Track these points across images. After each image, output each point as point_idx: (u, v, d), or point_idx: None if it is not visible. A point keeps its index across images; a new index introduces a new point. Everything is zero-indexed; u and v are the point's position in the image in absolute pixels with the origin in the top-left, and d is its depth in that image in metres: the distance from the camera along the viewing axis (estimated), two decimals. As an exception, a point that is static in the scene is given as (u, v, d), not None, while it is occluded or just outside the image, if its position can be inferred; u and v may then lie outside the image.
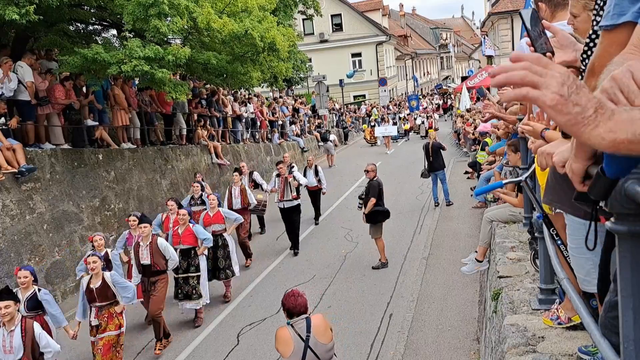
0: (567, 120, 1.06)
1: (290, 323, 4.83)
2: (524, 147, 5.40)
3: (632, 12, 1.45)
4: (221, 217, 9.93)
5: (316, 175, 14.13)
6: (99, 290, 7.07)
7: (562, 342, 3.23)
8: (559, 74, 1.06)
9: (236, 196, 11.78)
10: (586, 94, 1.06)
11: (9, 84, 9.93)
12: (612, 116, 1.05)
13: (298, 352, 4.64)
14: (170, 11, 10.58)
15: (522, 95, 1.07)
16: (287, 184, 11.99)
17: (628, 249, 1.29)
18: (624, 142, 1.06)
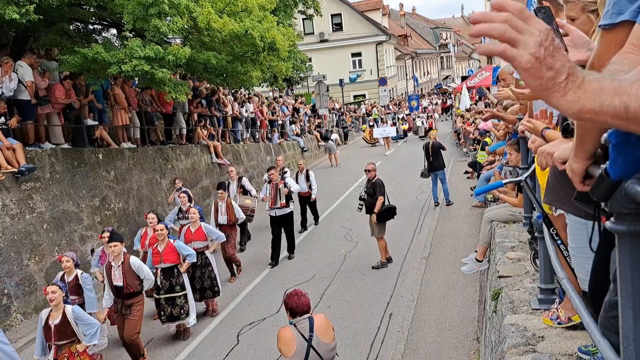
0: (539, 85, 1.06)
1: (293, 323, 4.80)
2: (524, 147, 5.40)
3: (631, 11, 1.45)
4: (203, 233, 9.24)
5: (307, 181, 13.54)
6: (57, 327, 6.21)
7: (562, 342, 3.23)
8: (538, 31, 1.04)
9: (223, 212, 10.90)
10: (561, 57, 1.05)
11: (9, 84, 9.93)
12: (582, 84, 1.05)
13: (301, 351, 4.62)
14: (171, 11, 10.58)
15: (499, 52, 1.06)
16: (278, 190, 11.39)
17: (628, 248, 1.29)
18: (590, 112, 1.06)
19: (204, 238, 9.24)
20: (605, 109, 1.05)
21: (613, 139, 1.21)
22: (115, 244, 7.50)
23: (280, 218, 11.49)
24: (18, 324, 8.88)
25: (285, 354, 4.68)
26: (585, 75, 1.07)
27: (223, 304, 9.71)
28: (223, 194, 11.05)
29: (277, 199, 11.33)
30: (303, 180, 13.46)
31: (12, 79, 9.99)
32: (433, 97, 51.95)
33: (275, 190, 11.38)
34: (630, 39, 1.39)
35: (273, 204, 11.39)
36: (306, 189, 13.44)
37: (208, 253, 9.25)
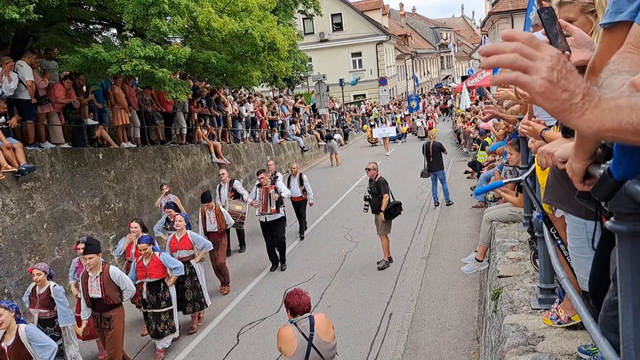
0: (555, 107, 1.06)
1: (294, 321, 4.82)
2: (524, 146, 5.40)
3: (629, 12, 1.45)
4: (189, 242, 8.80)
5: (301, 185, 12.89)
6: (11, 349, 5.73)
7: (561, 342, 3.23)
8: (549, 56, 1.05)
9: (212, 220, 10.46)
10: (575, 79, 1.06)
11: (9, 84, 9.93)
12: (599, 104, 1.06)
13: (301, 350, 4.64)
14: (171, 10, 10.57)
15: (512, 79, 1.07)
16: (269, 196, 10.92)
17: (628, 248, 1.29)
18: (609, 131, 1.06)
19: (190, 247, 8.82)
20: (624, 126, 1.05)
21: None
22: (90, 257, 7.00)
23: (271, 223, 11.05)
24: None
25: (285, 353, 4.69)
26: (601, 95, 1.07)
27: (223, 304, 9.71)
28: (209, 205, 10.45)
29: (267, 204, 10.84)
30: (296, 185, 12.83)
31: (12, 79, 9.99)
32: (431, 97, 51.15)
33: (266, 195, 10.89)
34: (629, 39, 1.40)
35: (264, 209, 10.89)
36: (299, 194, 12.84)
37: (194, 262, 8.82)
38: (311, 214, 15.59)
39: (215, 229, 10.42)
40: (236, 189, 12.44)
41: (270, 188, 10.95)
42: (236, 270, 11.32)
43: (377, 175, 10.73)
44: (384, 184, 10.64)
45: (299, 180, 12.93)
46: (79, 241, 8.00)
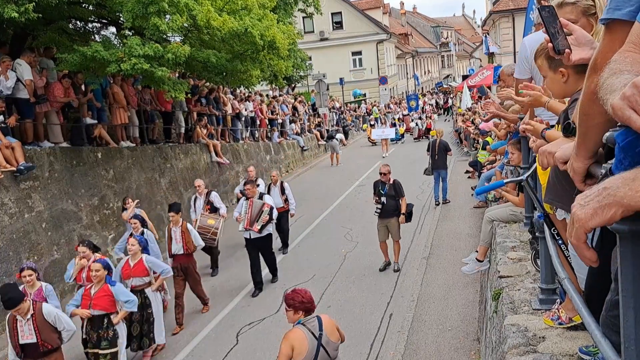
0: None
1: (302, 322, 4.82)
2: (525, 146, 5.38)
3: (628, 10, 1.42)
4: (144, 267, 7.65)
5: (282, 194, 11.93)
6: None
7: (562, 342, 3.21)
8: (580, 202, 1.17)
9: (177, 240, 8.92)
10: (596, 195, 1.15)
11: (6, 82, 9.91)
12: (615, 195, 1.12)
13: (312, 350, 4.66)
14: (170, 9, 10.56)
15: None
16: (259, 214, 9.70)
17: (629, 248, 1.27)
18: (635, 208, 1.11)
19: (145, 273, 7.67)
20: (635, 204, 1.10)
21: (621, 140, 1.18)
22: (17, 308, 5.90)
23: (257, 241, 9.84)
24: None
25: (296, 355, 4.62)
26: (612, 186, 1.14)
27: (222, 303, 9.70)
28: (175, 217, 8.98)
29: (254, 222, 9.65)
30: (277, 194, 11.84)
31: (10, 78, 9.97)
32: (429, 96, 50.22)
33: (252, 210, 9.70)
34: (630, 38, 1.37)
35: (248, 224, 9.66)
36: (281, 204, 11.76)
37: (150, 291, 7.75)
38: (311, 213, 15.64)
39: (180, 251, 8.90)
40: (213, 201, 11.12)
41: (265, 206, 9.80)
42: (235, 271, 11.30)
43: (390, 178, 10.47)
44: (401, 186, 10.48)
45: (280, 189, 12.03)
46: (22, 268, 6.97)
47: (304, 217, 15.33)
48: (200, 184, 11.34)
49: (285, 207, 11.91)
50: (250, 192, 9.96)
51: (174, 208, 9.21)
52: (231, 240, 12.69)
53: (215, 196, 11.32)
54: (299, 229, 14.09)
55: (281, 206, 11.69)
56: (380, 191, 10.40)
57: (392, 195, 10.32)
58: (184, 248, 8.90)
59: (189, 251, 8.95)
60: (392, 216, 10.32)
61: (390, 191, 10.34)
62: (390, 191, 10.34)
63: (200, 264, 10.06)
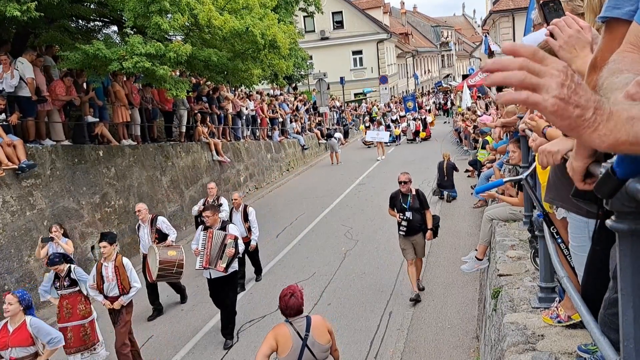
0: (568, 125, 1.03)
1: (289, 321, 4.84)
2: (524, 145, 5.40)
3: (627, 10, 1.44)
4: (27, 334, 5.75)
5: (245, 221, 9.93)
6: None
7: (561, 341, 3.23)
8: (557, 71, 1.01)
9: (109, 277, 7.19)
10: (585, 93, 1.02)
11: (10, 80, 9.93)
12: (610, 117, 1.02)
13: (296, 350, 4.66)
14: (172, 8, 10.58)
15: (522, 99, 1.02)
16: (222, 248, 7.81)
17: (628, 247, 1.29)
18: (624, 144, 1.03)
19: (29, 341, 5.74)
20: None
21: None
22: None
23: (219, 281, 8.01)
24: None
25: (280, 353, 4.70)
26: (611, 106, 1.04)
27: (223, 301, 9.71)
28: (108, 249, 7.24)
29: (216, 259, 7.80)
30: (239, 221, 9.84)
31: (14, 76, 10.00)
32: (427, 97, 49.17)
33: (212, 244, 7.83)
34: (628, 38, 1.38)
35: (207, 262, 7.78)
36: (244, 233, 9.75)
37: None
38: (312, 211, 15.62)
39: (114, 291, 7.20)
40: (160, 228, 9.17)
41: (230, 237, 7.89)
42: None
43: (409, 188, 9.02)
44: (425, 196, 9.23)
45: (242, 214, 9.98)
46: None
47: (304, 215, 15.35)
48: (141, 209, 9.12)
49: (250, 237, 9.91)
50: (210, 220, 8.00)
51: (107, 238, 7.40)
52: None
53: (162, 222, 9.26)
54: (299, 227, 14.13)
55: (244, 236, 9.61)
56: (403, 205, 8.90)
57: (417, 208, 8.91)
58: (119, 287, 7.16)
59: (124, 291, 7.17)
60: (418, 232, 8.90)
61: (415, 203, 8.92)
62: (415, 203, 8.92)
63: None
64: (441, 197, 15.69)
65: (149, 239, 9.05)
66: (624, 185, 1.21)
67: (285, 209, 16.57)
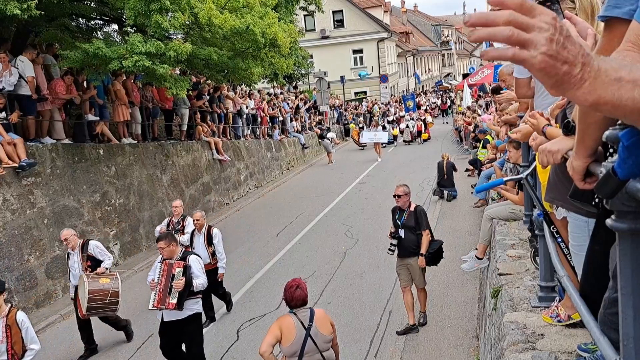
0: (554, 82, 1.00)
1: (294, 311, 4.97)
2: (524, 144, 5.39)
3: (628, 9, 1.44)
4: None
5: (209, 245, 8.53)
6: None
7: (561, 340, 3.23)
8: (546, 24, 0.96)
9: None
10: (573, 46, 0.99)
11: (9, 78, 9.93)
12: (598, 74, 1.00)
13: (299, 339, 4.80)
14: (172, 6, 10.58)
15: (508, 56, 0.98)
16: (170, 278, 6.44)
17: (628, 246, 1.29)
18: (607, 105, 1.02)
19: None
20: (625, 102, 1.01)
21: (626, 140, 1.19)
22: None
23: (174, 325, 6.59)
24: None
25: (283, 342, 4.83)
26: (599, 64, 1.01)
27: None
28: None
29: (164, 296, 6.46)
30: (202, 245, 8.50)
31: (13, 74, 9.99)
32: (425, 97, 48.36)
33: (166, 279, 6.46)
34: (628, 37, 1.38)
35: (159, 302, 6.49)
36: (207, 259, 8.33)
37: None
38: (312, 210, 15.65)
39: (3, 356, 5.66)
40: (93, 254, 7.81)
41: (177, 265, 6.50)
42: (236, 267, 11.33)
43: (410, 202, 8.08)
44: (425, 215, 7.98)
45: (205, 237, 8.54)
46: None
47: (304, 214, 15.36)
48: (68, 237, 7.75)
49: (214, 263, 8.55)
50: (166, 252, 6.57)
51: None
52: (232, 236, 12.70)
53: (95, 246, 7.91)
54: (299, 226, 14.14)
55: (208, 262, 8.23)
56: (397, 221, 7.96)
57: (412, 227, 7.82)
58: (8, 353, 5.63)
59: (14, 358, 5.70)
60: (414, 255, 7.81)
61: (410, 221, 7.85)
62: (410, 221, 7.85)
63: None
64: (441, 197, 15.70)
65: (80, 267, 7.71)
66: (624, 186, 1.21)
67: (286, 207, 16.57)
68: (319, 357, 4.89)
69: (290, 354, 4.83)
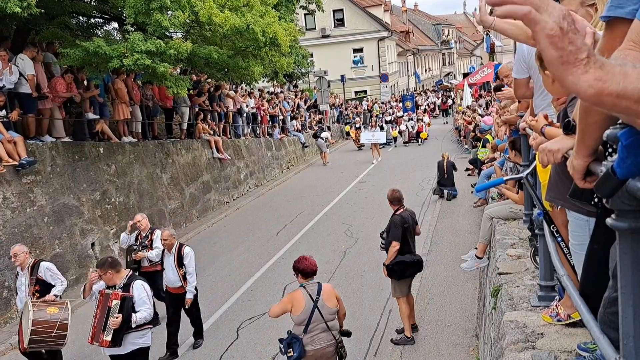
0: (560, 57, 1.01)
1: (304, 285, 5.66)
2: (524, 144, 5.40)
3: (631, 9, 1.43)
4: None
5: (179, 267, 7.59)
6: None
7: (561, 339, 3.23)
8: (559, 8, 1.01)
9: None
10: (581, 38, 1.01)
11: (9, 77, 9.93)
12: (603, 66, 1.01)
13: (308, 310, 5.49)
14: (172, 5, 10.57)
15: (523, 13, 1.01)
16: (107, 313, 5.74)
17: (628, 245, 1.29)
18: (611, 95, 1.01)
19: None
20: (630, 92, 1.00)
21: (624, 140, 1.19)
22: None
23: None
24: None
25: (294, 311, 5.53)
26: (604, 60, 1.02)
27: (223, 298, 9.72)
28: None
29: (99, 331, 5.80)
30: (172, 266, 7.63)
31: (13, 72, 9.99)
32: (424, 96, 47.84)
33: (103, 309, 5.78)
34: (630, 35, 1.37)
35: (93, 338, 5.87)
36: (178, 282, 7.61)
37: None
38: (312, 208, 15.66)
39: None
40: (43, 277, 6.90)
41: (114, 297, 5.73)
42: (236, 266, 11.34)
43: (399, 208, 7.63)
44: (396, 227, 7.41)
45: (176, 258, 7.62)
46: None
47: (304, 213, 15.36)
48: (18, 252, 6.91)
49: (183, 287, 7.65)
50: (105, 280, 5.90)
51: None
52: (232, 235, 12.70)
53: (47, 269, 6.95)
54: (299, 225, 14.14)
55: (179, 285, 7.62)
56: None
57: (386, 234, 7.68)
58: None
59: None
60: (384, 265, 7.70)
61: (388, 227, 7.68)
62: (388, 227, 7.68)
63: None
64: (441, 196, 15.70)
65: (27, 291, 6.81)
66: (624, 186, 1.21)
67: (286, 206, 16.58)
68: (324, 326, 5.56)
69: (299, 322, 5.50)
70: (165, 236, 7.70)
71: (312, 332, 5.48)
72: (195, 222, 15.04)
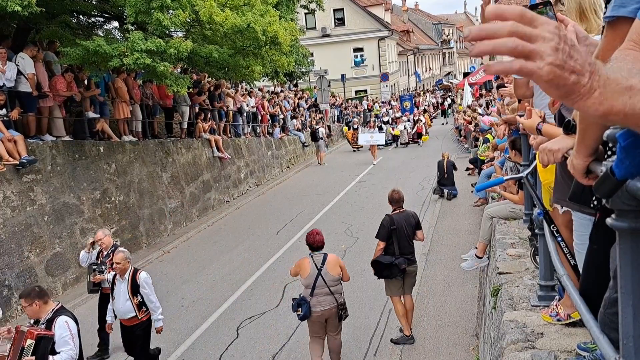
0: (563, 93, 0.96)
1: (311, 255, 6.51)
2: (525, 143, 5.40)
3: (634, 8, 1.43)
4: None
5: (134, 295, 6.49)
6: None
7: (561, 339, 3.23)
8: (550, 34, 0.92)
9: None
10: (580, 55, 0.95)
11: (4, 75, 9.90)
12: (607, 82, 0.96)
13: (312, 276, 6.39)
14: (173, 4, 10.58)
15: (515, 69, 0.93)
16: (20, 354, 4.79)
17: (629, 245, 1.29)
18: (619, 114, 0.98)
19: None
20: (638, 111, 0.97)
21: (622, 141, 1.19)
22: None
23: None
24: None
25: (302, 275, 6.49)
26: (608, 72, 0.98)
27: (223, 297, 9.73)
28: None
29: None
30: (124, 294, 6.52)
31: (8, 70, 9.94)
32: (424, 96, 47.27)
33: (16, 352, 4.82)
34: (630, 35, 1.37)
35: None
36: (132, 312, 6.54)
37: None
38: (312, 208, 15.68)
39: None
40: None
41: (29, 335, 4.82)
42: (236, 265, 11.34)
43: (394, 208, 7.62)
44: (384, 226, 7.43)
45: (130, 285, 6.50)
46: None
47: (304, 212, 15.36)
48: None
49: (141, 317, 6.56)
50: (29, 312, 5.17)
51: None
52: (232, 234, 12.69)
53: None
54: (299, 224, 14.13)
55: (132, 316, 6.54)
56: None
57: None
58: None
59: None
60: None
61: None
62: None
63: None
64: (441, 195, 15.70)
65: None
66: (622, 186, 1.21)
67: (286, 205, 16.58)
68: (327, 291, 6.44)
69: (306, 285, 6.44)
70: (118, 259, 6.51)
71: (318, 295, 6.41)
72: (195, 221, 15.04)
